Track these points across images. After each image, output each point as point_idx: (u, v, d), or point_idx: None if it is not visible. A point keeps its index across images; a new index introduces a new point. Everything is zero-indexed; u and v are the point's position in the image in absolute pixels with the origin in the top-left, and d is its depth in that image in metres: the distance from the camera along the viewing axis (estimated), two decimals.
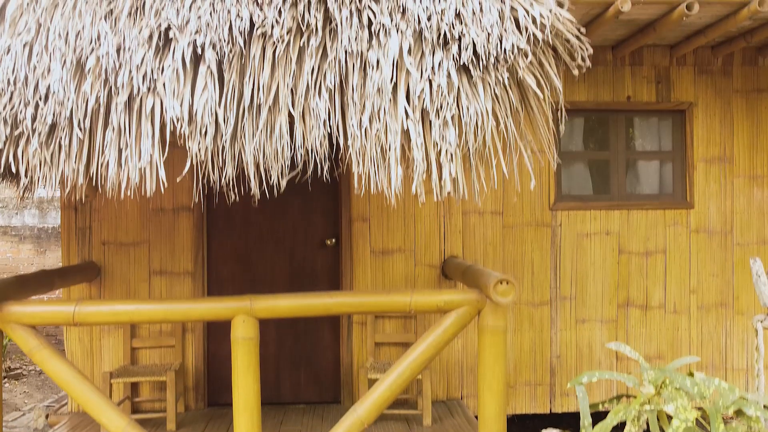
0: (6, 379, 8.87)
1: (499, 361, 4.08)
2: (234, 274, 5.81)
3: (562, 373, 5.85)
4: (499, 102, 3.34)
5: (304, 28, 3.39)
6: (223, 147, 3.25)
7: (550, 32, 3.48)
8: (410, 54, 3.30)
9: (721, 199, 5.96)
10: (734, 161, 5.98)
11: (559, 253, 5.85)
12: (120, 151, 3.23)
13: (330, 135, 3.35)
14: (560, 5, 4.44)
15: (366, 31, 3.38)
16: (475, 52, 3.33)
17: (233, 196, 3.44)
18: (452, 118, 3.26)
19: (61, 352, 4.03)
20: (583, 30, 3.62)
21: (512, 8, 3.47)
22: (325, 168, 3.37)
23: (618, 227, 5.90)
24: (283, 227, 5.84)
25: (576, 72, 3.60)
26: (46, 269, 4.89)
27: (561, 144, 5.84)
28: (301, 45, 3.37)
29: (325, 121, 3.30)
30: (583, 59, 3.61)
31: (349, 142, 3.32)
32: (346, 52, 3.35)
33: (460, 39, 3.33)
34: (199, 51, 3.27)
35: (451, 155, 3.22)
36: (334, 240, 5.82)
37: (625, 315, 5.89)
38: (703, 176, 5.96)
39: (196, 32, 3.29)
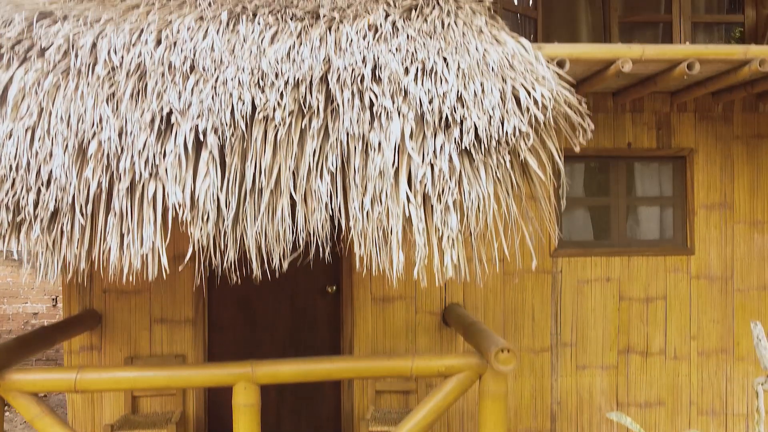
0: None
1: (499, 426, 4.09)
2: (235, 320, 5.81)
3: (563, 420, 5.86)
4: (501, 184, 3.34)
5: (305, 110, 3.39)
6: (225, 231, 3.25)
7: (552, 111, 3.48)
8: (412, 138, 3.30)
9: (722, 245, 5.96)
10: (735, 207, 5.98)
11: (559, 299, 5.85)
12: (122, 236, 3.23)
13: (332, 216, 3.35)
14: (560, 65, 4.45)
15: (368, 112, 3.38)
16: (476, 135, 3.33)
17: (235, 279, 3.44)
18: (454, 202, 3.26)
19: (63, 416, 4.03)
20: (585, 107, 3.62)
21: (514, 88, 3.47)
22: (327, 249, 3.38)
23: (618, 273, 5.90)
24: (283, 273, 5.83)
25: (578, 149, 3.60)
26: (46, 325, 4.89)
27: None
28: (303, 127, 3.37)
29: (327, 204, 3.30)
30: (585, 133, 3.62)
31: (351, 224, 3.32)
32: (347, 134, 3.35)
33: (461, 122, 3.33)
34: (201, 136, 3.27)
35: (453, 241, 3.22)
36: (334, 287, 5.82)
37: (626, 361, 5.89)
38: (703, 222, 5.96)
39: (198, 116, 3.29)
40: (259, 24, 3.61)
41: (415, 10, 3.84)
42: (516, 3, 5.88)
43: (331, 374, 4.23)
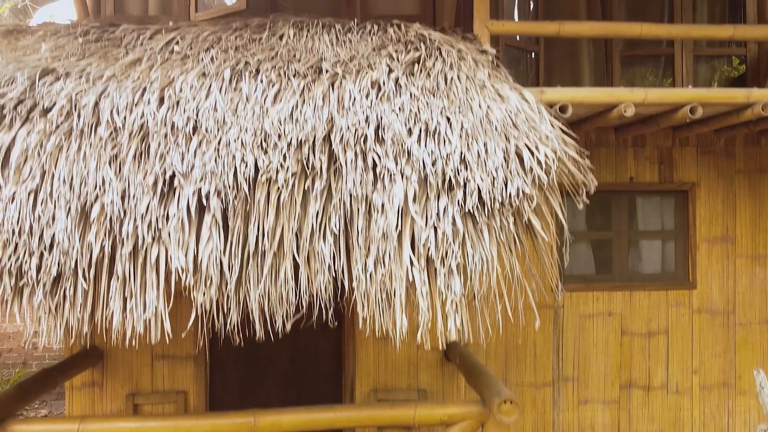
0: None
1: None
2: (236, 356, 5.81)
3: None
4: (504, 246, 3.34)
5: (308, 171, 3.38)
6: (228, 295, 3.24)
7: (556, 170, 3.47)
8: (415, 201, 3.29)
9: (724, 279, 5.96)
10: (737, 241, 5.97)
11: (561, 334, 5.85)
12: (125, 300, 3.23)
13: (335, 277, 3.34)
14: (562, 110, 4.45)
15: (371, 173, 3.38)
16: (480, 197, 3.32)
17: (238, 340, 3.44)
18: (457, 266, 3.25)
19: None
20: (589, 166, 3.61)
21: (517, 147, 3.46)
22: (330, 310, 3.37)
23: (620, 308, 5.90)
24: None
25: (580, 206, 3.60)
26: (47, 368, 4.88)
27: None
28: (306, 188, 3.36)
29: (330, 266, 3.29)
30: (588, 193, 3.62)
31: (354, 285, 3.32)
32: (350, 195, 3.34)
33: (465, 185, 3.33)
34: (204, 200, 3.26)
35: (456, 305, 3.22)
36: (336, 322, 5.81)
37: (628, 396, 5.89)
38: (705, 256, 5.95)
39: (201, 180, 3.28)
40: (261, 82, 3.60)
41: (418, 63, 3.83)
42: (518, 38, 5.87)
43: (333, 423, 4.22)
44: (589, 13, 5.78)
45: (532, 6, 6.09)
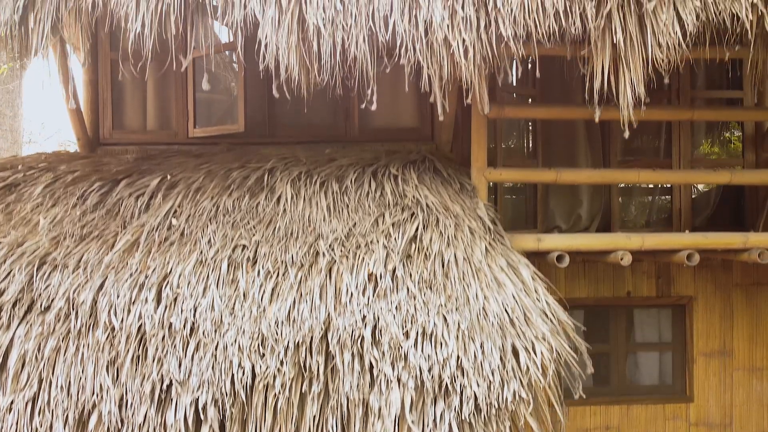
0: None
1: None
2: None
3: None
4: None
5: (305, 372, 3.39)
6: None
7: (553, 366, 3.49)
8: (412, 409, 3.31)
9: (721, 391, 5.97)
10: (734, 354, 5.98)
11: None
12: None
13: None
14: (559, 260, 4.46)
15: (368, 375, 3.39)
16: (476, 403, 3.33)
17: None
18: None
19: None
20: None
21: (514, 346, 3.47)
22: None
23: (618, 422, 5.91)
24: None
25: (576, 396, 3.62)
26: None
27: None
28: (303, 390, 3.37)
29: None
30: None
31: None
32: (347, 398, 3.36)
33: (461, 391, 3.34)
34: (201, 412, 3.28)
35: None
36: None
37: None
38: (702, 369, 5.97)
39: (198, 388, 3.29)
40: (259, 275, 3.61)
41: (415, 242, 3.84)
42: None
43: None
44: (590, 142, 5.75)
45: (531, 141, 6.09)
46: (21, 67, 9.16)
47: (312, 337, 3.42)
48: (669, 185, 5.92)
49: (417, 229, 3.94)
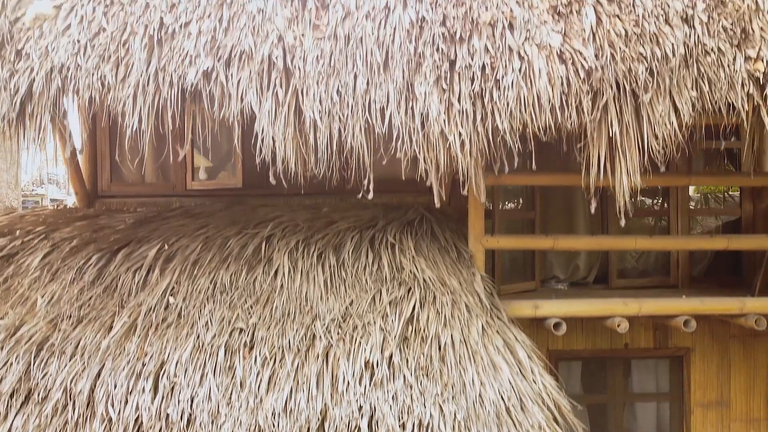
0: None
1: None
2: None
3: None
4: None
5: None
6: None
7: None
8: None
9: None
10: (731, 405, 5.99)
11: None
12: None
13: None
14: (556, 328, 4.47)
15: None
16: None
17: None
18: None
19: None
20: None
21: None
22: None
23: None
24: None
25: None
26: None
27: None
28: None
29: None
30: None
31: None
32: None
33: None
34: None
35: None
36: None
37: None
38: (700, 421, 5.98)
39: None
40: (255, 362, 3.62)
41: (412, 323, 3.85)
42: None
43: None
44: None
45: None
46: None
47: (309, 428, 3.43)
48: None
49: (414, 307, 3.94)
